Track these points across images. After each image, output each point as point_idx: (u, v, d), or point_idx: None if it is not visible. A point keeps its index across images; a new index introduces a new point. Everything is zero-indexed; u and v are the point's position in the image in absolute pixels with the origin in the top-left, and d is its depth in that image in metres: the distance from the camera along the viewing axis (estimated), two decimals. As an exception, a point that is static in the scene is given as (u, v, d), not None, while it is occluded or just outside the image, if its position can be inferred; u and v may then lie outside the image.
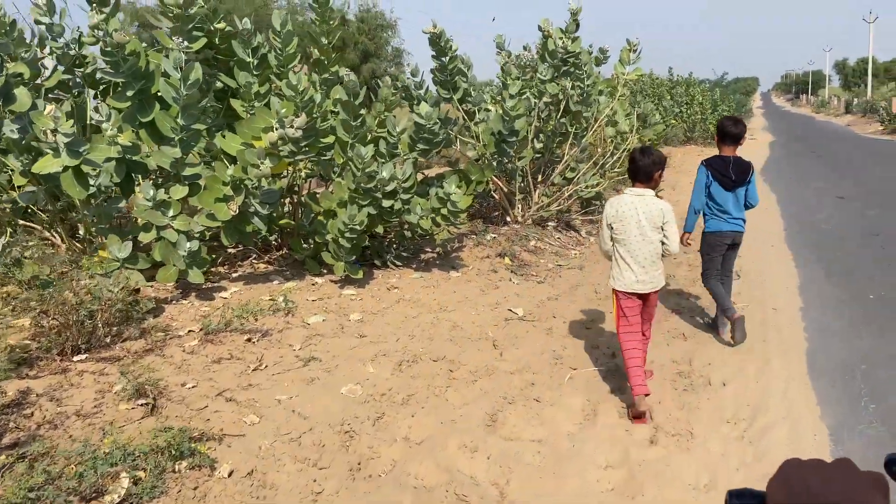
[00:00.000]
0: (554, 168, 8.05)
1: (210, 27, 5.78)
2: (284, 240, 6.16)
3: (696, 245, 5.27)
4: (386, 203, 5.44)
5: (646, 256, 3.72)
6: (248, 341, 4.23)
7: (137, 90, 4.99)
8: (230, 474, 2.89)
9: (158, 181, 5.40)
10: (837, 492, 0.75)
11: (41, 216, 5.48)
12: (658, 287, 3.82)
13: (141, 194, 4.86)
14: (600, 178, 7.89)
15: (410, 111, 6.21)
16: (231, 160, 5.08)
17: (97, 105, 4.69)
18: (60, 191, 4.76)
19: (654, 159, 3.67)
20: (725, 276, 5.06)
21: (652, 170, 3.68)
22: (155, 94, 5.07)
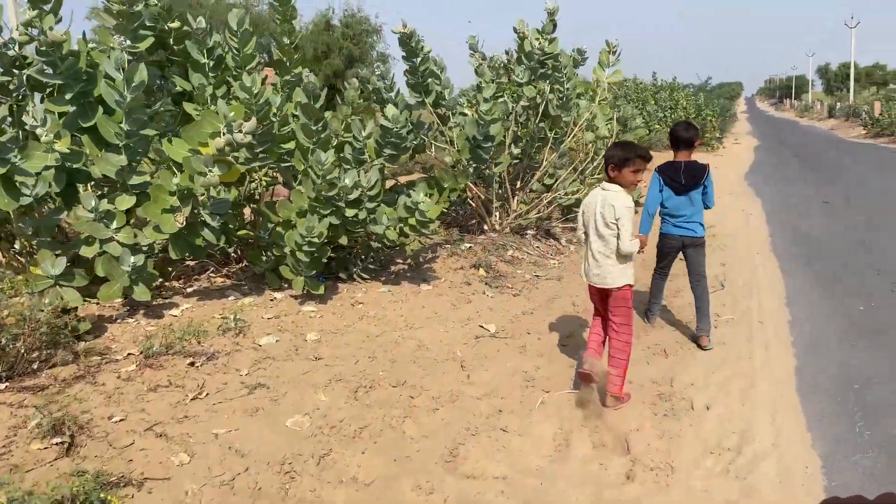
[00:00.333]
0: (533, 174, 7.75)
1: (163, 26, 5.43)
2: (244, 252, 5.81)
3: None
4: (349, 212, 5.11)
5: (598, 250, 3.75)
6: (191, 366, 3.87)
7: (78, 93, 4.63)
8: (147, 528, 2.54)
9: (105, 191, 5.05)
10: None
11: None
12: (609, 286, 3.73)
13: (82, 205, 4.50)
14: (580, 185, 7.60)
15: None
16: (179, 168, 4.72)
17: (30, 109, 4.32)
18: (-9, 202, 4.38)
19: (611, 153, 3.72)
20: (695, 281, 4.93)
21: (609, 163, 3.72)
22: (99, 98, 4.71)
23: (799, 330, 5.12)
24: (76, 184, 4.82)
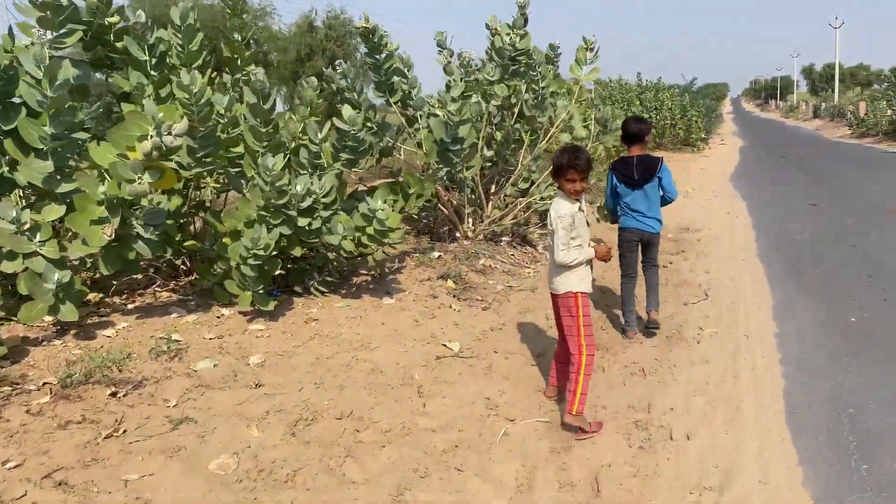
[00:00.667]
0: (509, 178, 7.37)
1: (101, 21, 5.01)
2: (193, 264, 5.39)
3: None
4: (302, 221, 4.70)
5: (550, 257, 3.65)
6: (113, 396, 3.45)
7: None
8: None
9: (32, 199, 4.62)
10: None
11: None
12: (556, 291, 3.64)
13: (1, 216, 4.06)
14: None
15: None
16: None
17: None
18: None
19: (554, 159, 3.65)
20: (648, 268, 5.14)
21: (553, 169, 3.66)
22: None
23: (787, 346, 4.76)
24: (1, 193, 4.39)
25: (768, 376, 4.25)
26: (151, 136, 3.78)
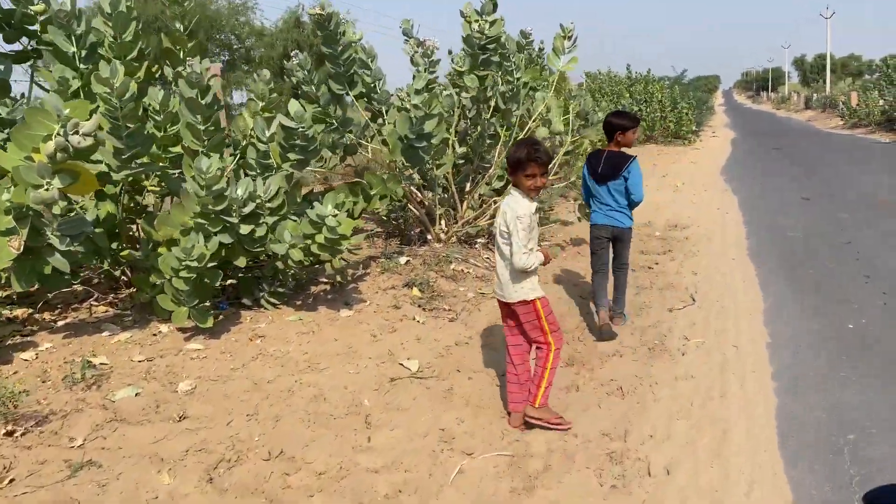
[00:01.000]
0: (484, 175, 6.93)
1: (24, 10, 4.54)
2: (134, 275, 4.93)
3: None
4: (244, 229, 4.26)
5: (497, 261, 3.40)
6: (9, 436, 3.01)
7: None
8: None
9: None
10: None
11: None
12: (509, 300, 3.33)
13: None
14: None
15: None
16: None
17: None
18: None
19: (509, 153, 3.33)
20: (618, 268, 5.03)
21: (507, 164, 3.32)
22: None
23: (780, 357, 4.35)
24: None
25: (759, 394, 3.83)
26: (56, 136, 3.32)
